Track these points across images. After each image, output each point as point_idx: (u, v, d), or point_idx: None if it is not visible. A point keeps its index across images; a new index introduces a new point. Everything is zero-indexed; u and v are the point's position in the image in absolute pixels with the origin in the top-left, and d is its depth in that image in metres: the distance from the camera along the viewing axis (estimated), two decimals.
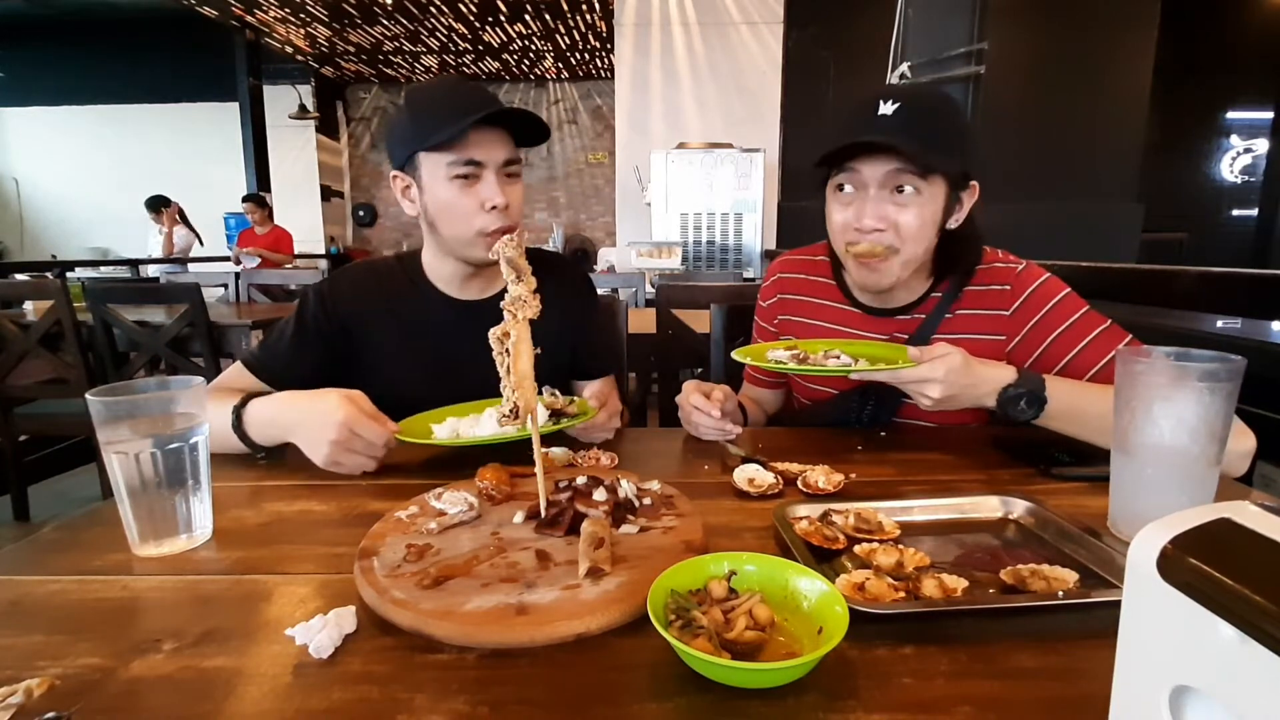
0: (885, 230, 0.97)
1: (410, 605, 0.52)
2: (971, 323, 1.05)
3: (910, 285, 1.07)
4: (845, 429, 1.08)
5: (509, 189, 1.03)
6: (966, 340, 1.04)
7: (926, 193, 0.96)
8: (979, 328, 1.05)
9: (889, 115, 0.94)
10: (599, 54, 8.55)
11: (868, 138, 0.94)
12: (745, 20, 5.43)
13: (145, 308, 2.74)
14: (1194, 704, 0.29)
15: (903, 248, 0.98)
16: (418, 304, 1.12)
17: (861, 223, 0.98)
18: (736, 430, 1.01)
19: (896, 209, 0.97)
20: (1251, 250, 6.99)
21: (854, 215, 0.99)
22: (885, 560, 0.59)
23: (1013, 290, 1.03)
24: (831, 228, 1.05)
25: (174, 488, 0.66)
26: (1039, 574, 0.57)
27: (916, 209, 0.97)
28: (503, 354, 0.67)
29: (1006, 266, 1.05)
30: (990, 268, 1.06)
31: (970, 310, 1.05)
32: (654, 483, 0.76)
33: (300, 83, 8.84)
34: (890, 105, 0.94)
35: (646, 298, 3.17)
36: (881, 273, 1.01)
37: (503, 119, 1.01)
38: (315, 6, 6.86)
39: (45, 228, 9.24)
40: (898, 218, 0.97)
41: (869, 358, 0.95)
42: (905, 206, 0.97)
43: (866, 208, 0.98)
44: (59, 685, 0.45)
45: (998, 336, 1.04)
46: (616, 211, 5.86)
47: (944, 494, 0.77)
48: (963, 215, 1.02)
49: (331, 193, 9.67)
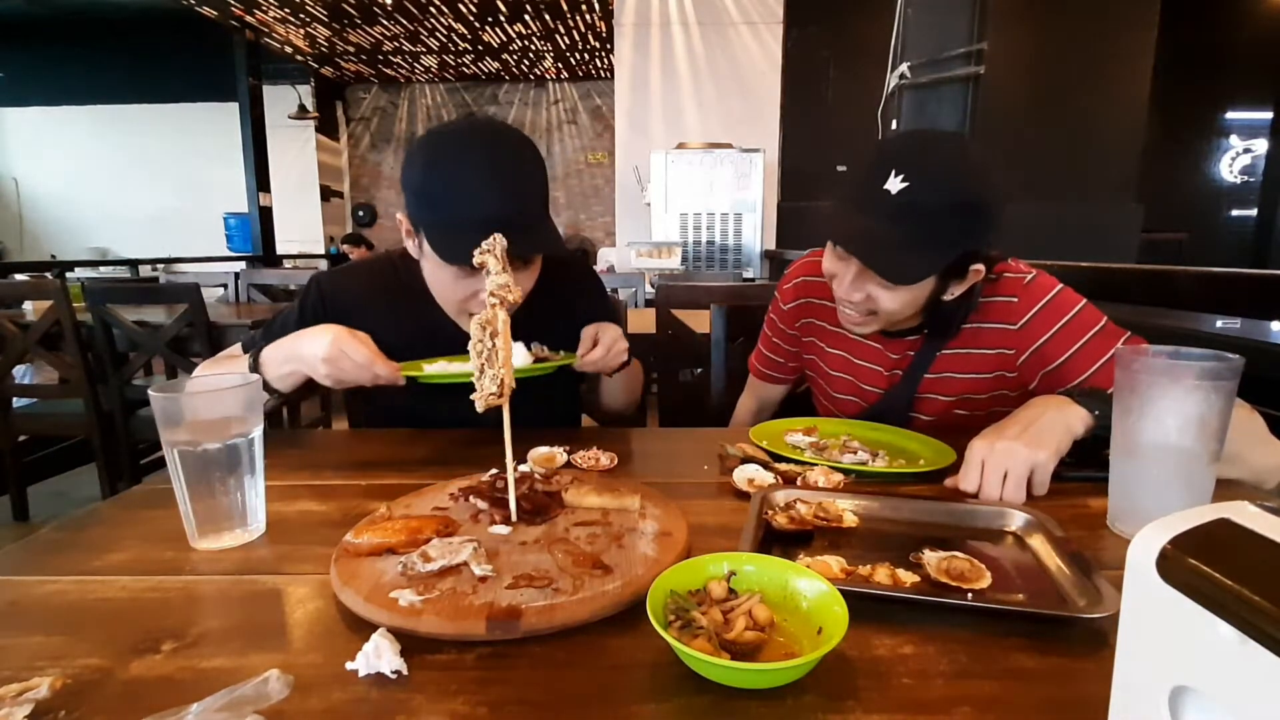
0: (863, 301, 0.97)
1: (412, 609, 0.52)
2: (977, 336, 1.04)
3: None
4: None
5: (519, 275, 0.97)
6: (972, 355, 1.04)
7: (908, 287, 0.94)
8: (985, 341, 1.03)
9: (892, 194, 0.87)
10: (599, 54, 8.55)
11: (850, 248, 0.93)
12: (745, 20, 5.43)
13: (145, 308, 2.74)
14: (1193, 704, 0.29)
15: (882, 316, 0.99)
16: (412, 304, 1.12)
17: (838, 292, 1.00)
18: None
19: (877, 288, 0.95)
20: (1251, 250, 7.00)
21: (836, 283, 1.00)
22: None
23: (1020, 303, 0.99)
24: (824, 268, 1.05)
25: (232, 483, 0.68)
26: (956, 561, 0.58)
27: (896, 296, 0.95)
28: (482, 340, 0.67)
29: (1015, 277, 1.01)
30: (999, 279, 1.01)
31: (976, 324, 1.03)
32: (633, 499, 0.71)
33: (300, 83, 8.83)
34: (897, 181, 0.87)
35: (646, 298, 3.17)
36: (864, 328, 1.03)
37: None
38: (315, 6, 6.85)
39: (45, 228, 9.24)
40: (877, 296, 0.96)
41: (888, 447, 0.94)
42: (887, 290, 0.95)
43: (847, 281, 0.97)
44: (59, 685, 0.45)
45: (1005, 350, 1.02)
46: (616, 211, 5.86)
47: (941, 498, 0.77)
48: (960, 291, 0.97)
49: (331, 193, 9.67)
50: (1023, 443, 0.76)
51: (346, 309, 1.09)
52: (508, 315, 0.69)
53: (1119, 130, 4.01)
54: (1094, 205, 4.02)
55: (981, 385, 1.06)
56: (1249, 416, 0.82)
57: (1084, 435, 0.79)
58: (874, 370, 1.14)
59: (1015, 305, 1.00)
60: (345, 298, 1.12)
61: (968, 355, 1.05)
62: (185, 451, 0.66)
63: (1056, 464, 0.77)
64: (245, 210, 7.46)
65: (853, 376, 1.17)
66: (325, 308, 1.10)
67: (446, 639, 0.50)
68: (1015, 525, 0.68)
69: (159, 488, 0.78)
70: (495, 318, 0.67)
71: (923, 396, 1.09)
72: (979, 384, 1.06)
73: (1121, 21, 3.89)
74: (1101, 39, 3.88)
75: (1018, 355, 1.01)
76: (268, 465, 0.90)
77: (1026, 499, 0.75)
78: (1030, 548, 0.64)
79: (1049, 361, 0.98)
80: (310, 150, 9.22)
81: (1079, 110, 3.88)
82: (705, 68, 5.47)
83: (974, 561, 0.58)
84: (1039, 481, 0.76)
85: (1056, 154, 3.94)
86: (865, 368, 1.15)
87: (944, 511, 0.71)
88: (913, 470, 0.85)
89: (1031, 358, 1.00)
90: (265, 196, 7.22)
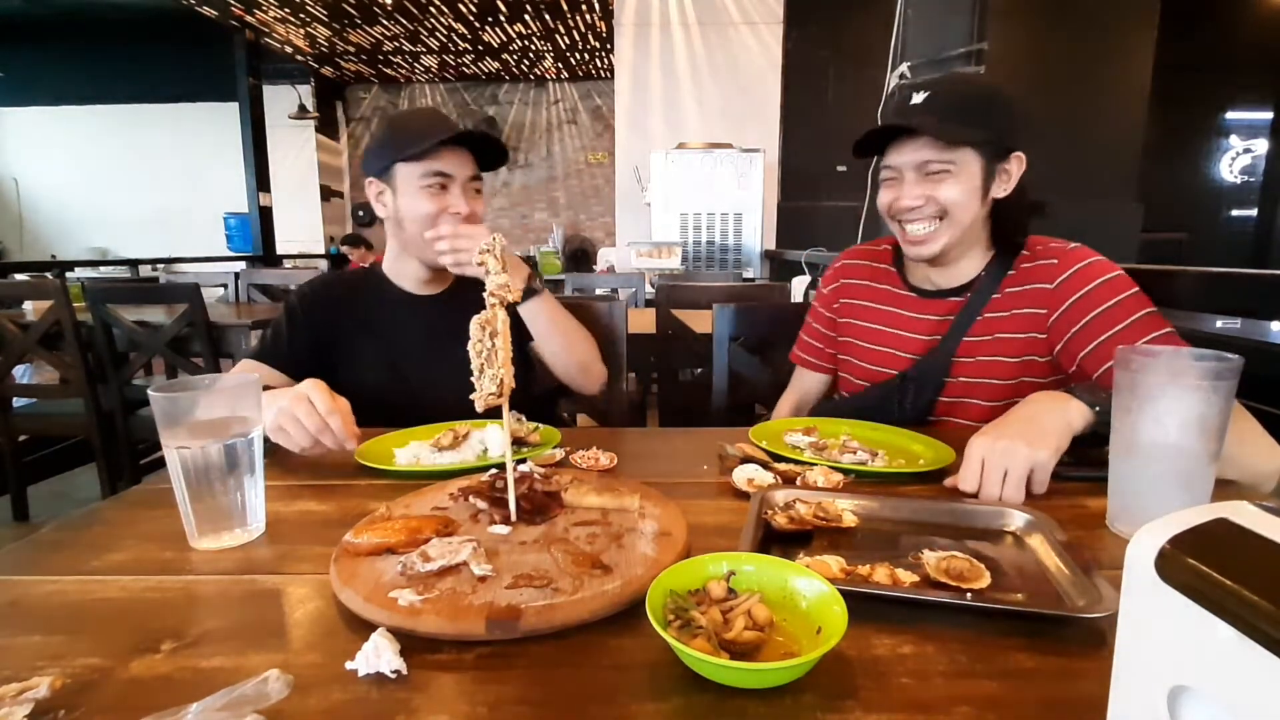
0: (925, 205, 1.03)
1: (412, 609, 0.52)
2: (1018, 299, 1.06)
3: (964, 264, 1.11)
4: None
5: (473, 201, 1.20)
6: (1010, 317, 1.06)
7: (959, 167, 1.01)
8: (1024, 303, 1.06)
9: (918, 104, 1.01)
10: (599, 54, 8.55)
11: (885, 123, 1.02)
12: (745, 20, 5.43)
13: (145, 308, 2.74)
14: (1192, 704, 0.29)
15: (949, 212, 1.03)
16: (379, 299, 1.26)
17: (901, 203, 1.05)
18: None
19: (933, 186, 1.02)
20: (1251, 250, 6.99)
21: (894, 197, 1.06)
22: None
23: (1059, 264, 1.04)
24: (880, 208, 1.11)
25: (232, 483, 0.68)
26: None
27: (952, 182, 1.02)
28: (481, 340, 0.67)
29: (1059, 246, 1.07)
30: (1046, 248, 1.07)
31: (1019, 286, 1.07)
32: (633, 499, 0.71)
33: (300, 83, 8.83)
34: (921, 95, 1.01)
35: (646, 298, 3.17)
36: (936, 240, 1.05)
37: (469, 142, 1.18)
38: (315, 6, 6.85)
39: (45, 228, 9.23)
40: (935, 193, 1.02)
41: (888, 447, 0.94)
42: (941, 182, 1.02)
43: (904, 190, 1.04)
44: (58, 685, 0.45)
45: (1039, 310, 1.04)
46: (616, 212, 5.86)
47: (940, 498, 0.77)
48: (1010, 185, 1.05)
49: (331, 193, 9.66)
50: (1024, 441, 0.75)
51: (327, 314, 1.22)
52: (507, 315, 0.69)
53: (1119, 130, 4.01)
54: (1094, 205, 4.02)
55: (1015, 346, 1.06)
56: (1243, 417, 0.82)
57: (1083, 431, 0.79)
58: (911, 339, 1.16)
59: (1054, 266, 1.04)
60: (325, 304, 1.24)
61: (1009, 318, 1.07)
62: (185, 451, 0.66)
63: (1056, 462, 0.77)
64: (245, 210, 7.45)
65: (890, 347, 1.19)
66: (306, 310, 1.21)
67: (446, 639, 0.50)
68: (1014, 525, 0.68)
69: (159, 488, 0.78)
70: (495, 317, 0.68)
71: (960, 360, 1.09)
72: (1013, 345, 1.06)
73: (1121, 21, 3.89)
74: (1101, 39, 3.88)
75: (1050, 314, 1.03)
76: (268, 465, 0.90)
77: (1025, 498, 0.75)
78: (1029, 547, 0.64)
79: (1075, 322, 1.00)
80: (310, 150, 9.22)
81: (1078, 110, 3.88)
82: (705, 68, 5.47)
83: (973, 561, 0.58)
84: (1038, 481, 0.76)
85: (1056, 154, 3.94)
86: (903, 337, 1.17)
87: (943, 511, 0.71)
88: (912, 470, 0.85)
89: (1062, 317, 1.01)
90: (265, 196, 7.21)
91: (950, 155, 1.00)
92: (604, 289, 3.20)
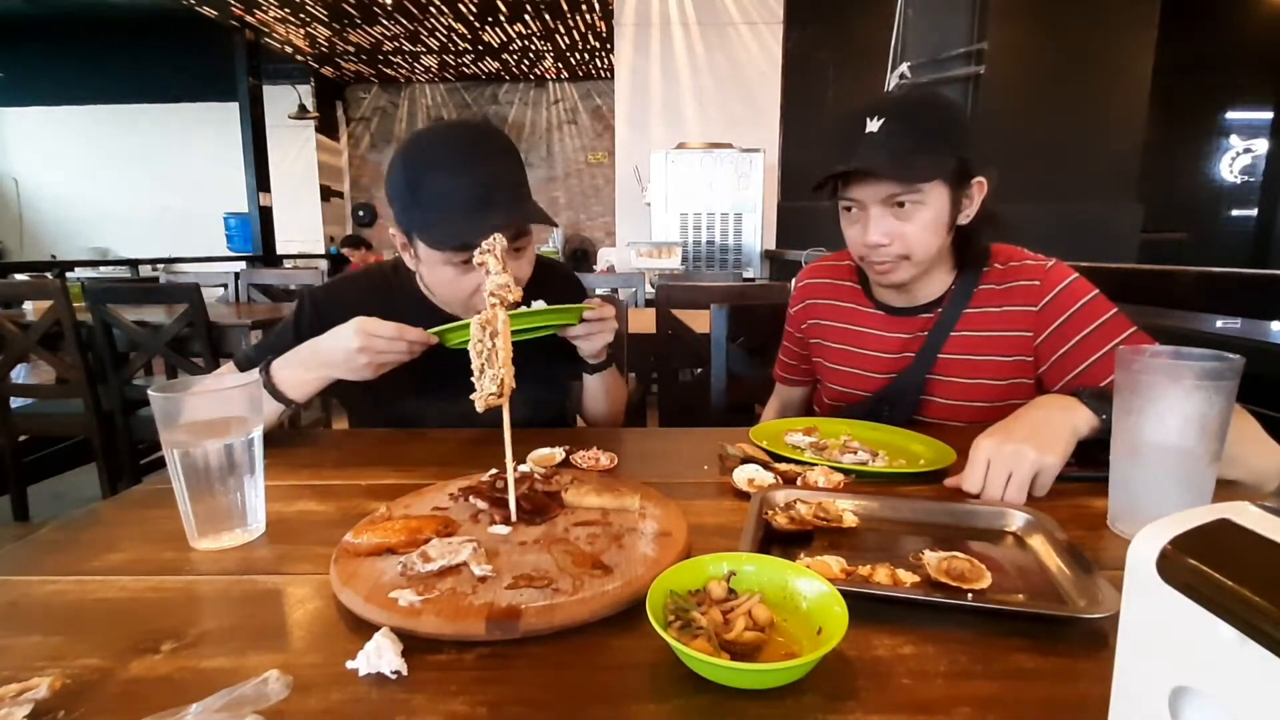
0: (892, 244, 1.01)
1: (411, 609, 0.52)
2: (999, 320, 1.05)
3: (930, 282, 1.09)
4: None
5: (514, 264, 0.99)
6: (991, 338, 1.05)
7: (927, 200, 0.98)
8: (1006, 324, 1.05)
9: (875, 133, 0.96)
10: (599, 54, 8.55)
11: (852, 166, 0.97)
12: (745, 20, 5.43)
13: (145, 308, 2.74)
14: (1193, 705, 0.28)
15: (912, 254, 1.01)
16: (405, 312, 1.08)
17: (868, 240, 1.02)
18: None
19: (899, 222, 1.00)
20: (1251, 250, 6.99)
21: (860, 233, 1.03)
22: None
23: (1042, 286, 1.02)
24: (847, 241, 1.08)
25: (232, 483, 0.68)
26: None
27: (918, 218, 0.99)
28: (482, 340, 0.67)
29: (1036, 264, 1.05)
30: (1021, 265, 1.05)
31: (998, 307, 1.05)
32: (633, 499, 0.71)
33: (300, 83, 8.83)
34: (876, 122, 0.96)
35: (646, 298, 3.18)
36: (897, 274, 1.04)
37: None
38: (315, 6, 6.85)
39: (45, 228, 9.23)
40: (902, 230, 1.00)
41: (889, 447, 0.94)
42: (908, 219, 1.00)
43: (870, 227, 1.01)
44: (58, 685, 0.45)
45: (1025, 333, 1.03)
46: (616, 211, 5.86)
47: (941, 498, 0.77)
48: (973, 210, 1.03)
49: (331, 193, 9.66)
50: (1032, 445, 0.75)
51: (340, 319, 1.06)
52: (508, 315, 0.69)
53: (1119, 130, 4.02)
54: (1094, 205, 4.02)
55: (1002, 369, 1.06)
56: (1243, 417, 0.82)
57: (1087, 437, 0.80)
58: (881, 358, 1.14)
59: (1037, 288, 1.03)
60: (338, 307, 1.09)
61: (990, 338, 1.06)
62: (185, 451, 0.66)
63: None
64: (245, 210, 7.45)
65: (860, 368, 1.17)
66: (320, 319, 1.08)
67: (446, 639, 0.50)
68: (1015, 525, 0.68)
69: (159, 488, 0.78)
70: (495, 318, 0.68)
71: (936, 378, 1.08)
72: (999, 368, 1.06)
73: (1121, 21, 3.90)
74: (1102, 39, 3.89)
75: (1036, 337, 1.03)
76: (268, 465, 0.90)
77: (1026, 500, 0.75)
78: (1030, 548, 0.64)
79: (1064, 342, 1.00)
80: (310, 150, 9.22)
81: (1079, 110, 3.88)
82: (705, 68, 5.47)
83: (974, 562, 0.58)
84: (1042, 484, 0.76)
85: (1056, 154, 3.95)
86: (870, 356, 1.15)
87: (944, 511, 0.71)
88: (913, 470, 0.85)
89: (1048, 339, 1.01)
90: (265, 196, 7.21)
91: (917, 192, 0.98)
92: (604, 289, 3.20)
